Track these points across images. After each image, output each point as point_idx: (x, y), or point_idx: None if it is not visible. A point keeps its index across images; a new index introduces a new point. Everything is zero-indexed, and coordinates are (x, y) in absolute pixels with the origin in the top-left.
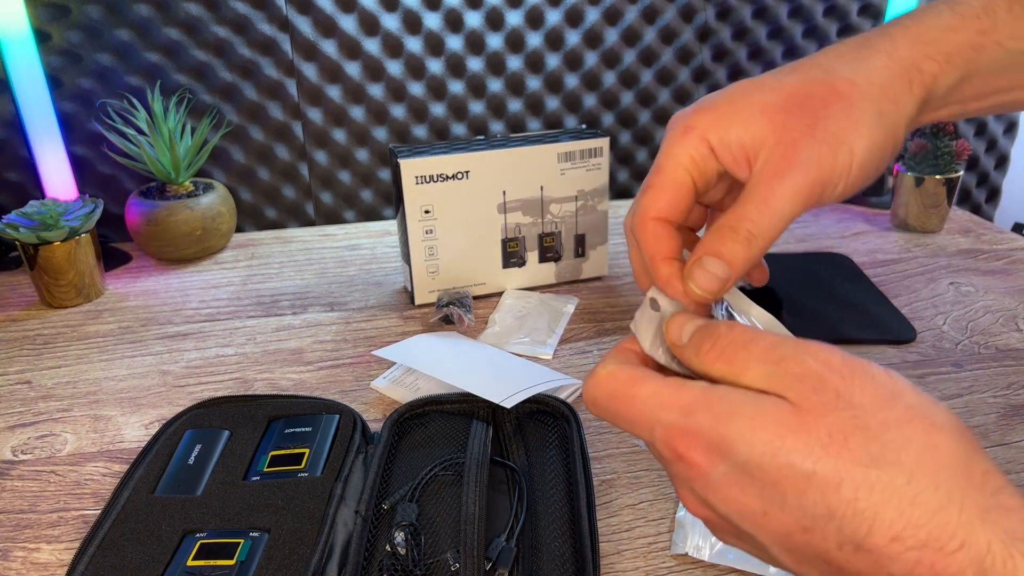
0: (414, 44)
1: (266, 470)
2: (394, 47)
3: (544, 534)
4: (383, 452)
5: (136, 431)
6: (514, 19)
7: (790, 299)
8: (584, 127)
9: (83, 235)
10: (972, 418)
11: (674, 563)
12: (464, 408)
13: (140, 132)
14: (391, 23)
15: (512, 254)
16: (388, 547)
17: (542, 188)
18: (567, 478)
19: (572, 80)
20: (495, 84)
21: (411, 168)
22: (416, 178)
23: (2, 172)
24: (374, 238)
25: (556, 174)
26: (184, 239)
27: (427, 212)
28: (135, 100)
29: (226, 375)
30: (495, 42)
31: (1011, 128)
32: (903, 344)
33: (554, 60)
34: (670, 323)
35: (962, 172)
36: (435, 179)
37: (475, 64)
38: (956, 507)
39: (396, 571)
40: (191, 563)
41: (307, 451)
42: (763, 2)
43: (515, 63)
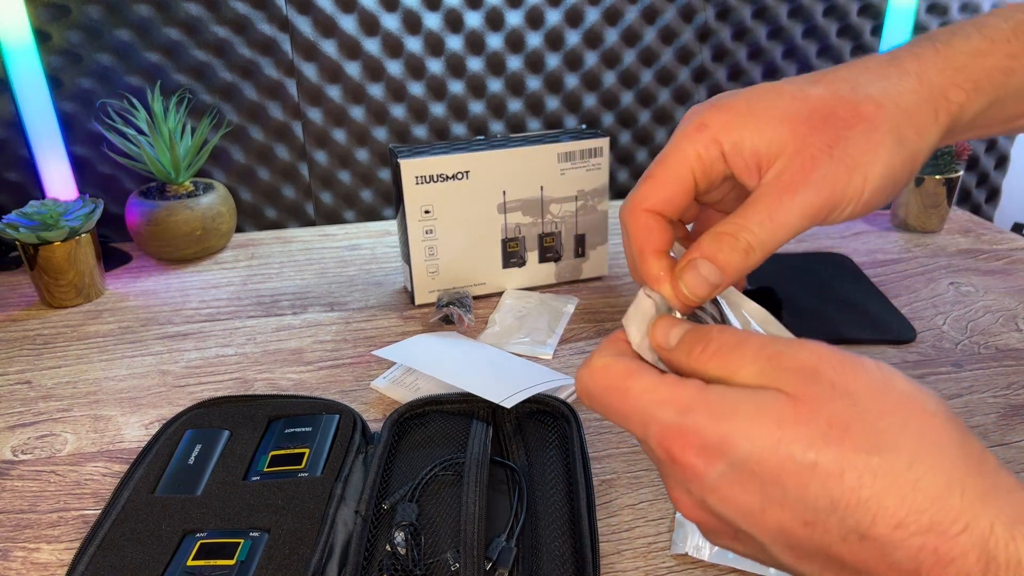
0: (414, 44)
1: (266, 470)
2: (394, 47)
3: (544, 534)
4: (383, 452)
5: (136, 431)
6: (514, 19)
7: (790, 299)
8: (584, 127)
9: (83, 235)
10: (972, 418)
11: (674, 563)
12: (464, 408)
13: (140, 132)
14: (391, 23)
15: (512, 254)
16: (388, 547)
17: (542, 188)
18: (567, 478)
19: (572, 80)
20: (495, 84)
21: (411, 168)
22: (416, 178)
23: (2, 172)
24: (374, 238)
25: (556, 174)
26: (184, 239)
27: (427, 212)
28: (135, 100)
29: (226, 375)
30: (495, 42)
31: None
32: (903, 344)
33: (554, 60)
34: (656, 325)
35: (962, 172)
36: (435, 179)
37: (475, 64)
38: (958, 490)
39: (396, 571)
40: (191, 563)
41: (307, 451)
42: (763, 2)
43: (515, 63)
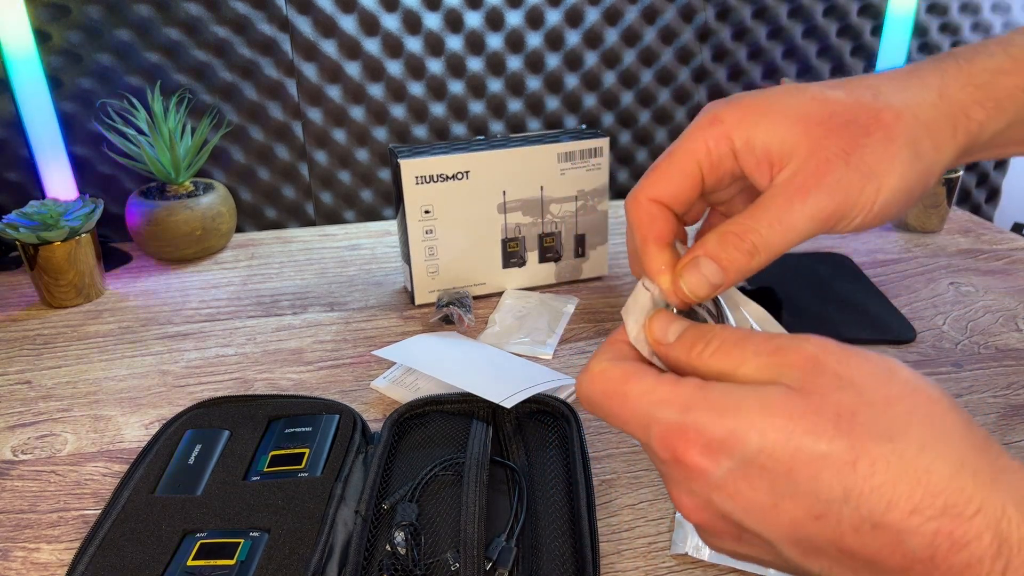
0: (414, 44)
1: (266, 470)
2: (394, 47)
3: (544, 534)
4: (383, 452)
5: (136, 431)
6: (514, 19)
7: (790, 299)
8: (584, 127)
9: (83, 235)
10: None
11: (674, 563)
12: (464, 408)
13: (140, 132)
14: (391, 23)
15: (512, 254)
16: (388, 547)
17: (542, 188)
18: (567, 478)
19: (572, 80)
20: (495, 84)
21: (411, 168)
22: (416, 178)
23: (2, 172)
24: (374, 238)
25: (556, 174)
26: (184, 239)
27: (427, 212)
28: (135, 100)
29: (226, 375)
30: (495, 42)
31: None
32: (903, 344)
33: (554, 60)
34: (654, 320)
35: (962, 172)
36: (435, 179)
37: (475, 64)
38: (969, 472)
39: (396, 571)
40: (191, 563)
41: (307, 451)
42: (763, 2)
43: (515, 63)
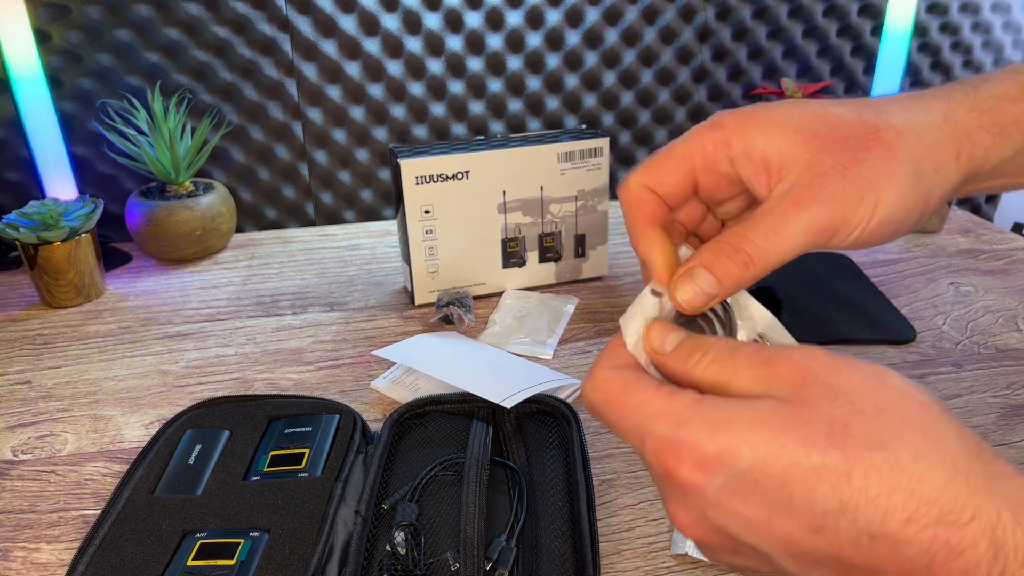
0: (414, 44)
1: (266, 470)
2: (394, 47)
3: (544, 534)
4: (383, 452)
5: (136, 431)
6: (514, 19)
7: (790, 299)
8: (584, 127)
9: (83, 235)
10: (972, 418)
11: (674, 563)
12: (464, 408)
13: (140, 132)
14: (391, 23)
15: (512, 254)
16: (388, 547)
17: (542, 188)
18: (567, 478)
19: (572, 80)
20: (495, 84)
21: (411, 168)
22: (416, 178)
23: (2, 172)
24: (374, 238)
25: (556, 174)
26: (184, 239)
27: (427, 212)
28: (135, 100)
29: (226, 375)
30: (495, 42)
31: None
32: (903, 344)
33: (554, 60)
34: (651, 328)
35: None
36: (435, 179)
37: (475, 64)
38: (963, 478)
39: (396, 571)
40: (191, 563)
41: (307, 451)
42: (763, 2)
43: (515, 63)
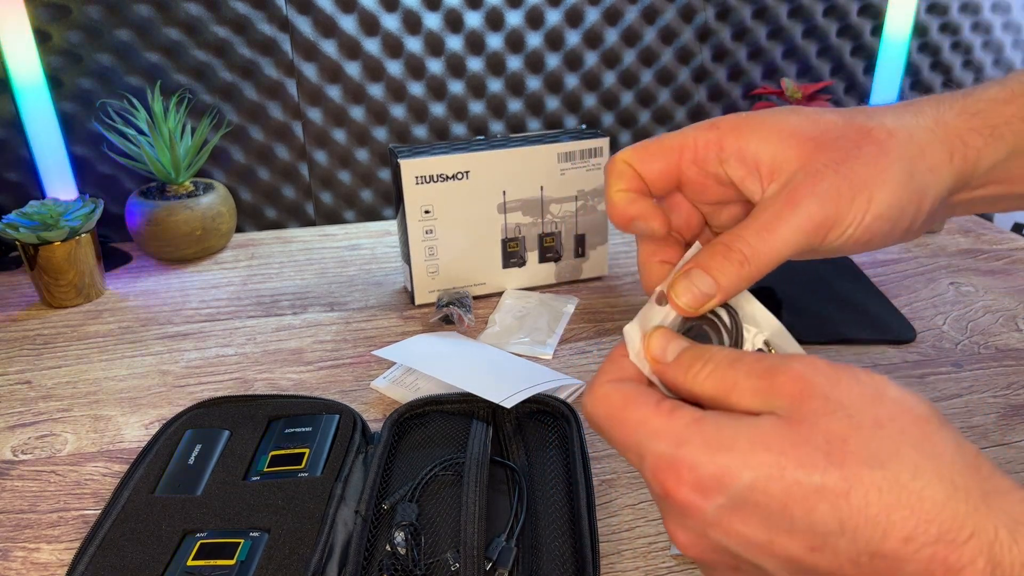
0: (414, 44)
1: (266, 470)
2: (394, 47)
3: (544, 534)
4: (383, 452)
5: (136, 431)
6: (514, 19)
7: (790, 299)
8: (584, 127)
9: (83, 235)
10: (972, 418)
11: (674, 563)
12: (464, 408)
13: (140, 132)
14: (391, 23)
15: (512, 254)
16: (388, 547)
17: (542, 188)
18: (567, 478)
19: (572, 80)
20: (495, 84)
21: (411, 168)
22: (416, 178)
23: (2, 172)
24: (374, 238)
25: (556, 174)
26: (184, 239)
27: (427, 212)
28: (135, 100)
29: (226, 375)
30: (495, 42)
31: None
32: (903, 344)
33: (554, 60)
34: (652, 337)
35: None
36: (435, 179)
37: (475, 64)
38: (962, 495)
39: (396, 571)
40: (191, 563)
41: (307, 451)
42: (763, 2)
43: (515, 63)
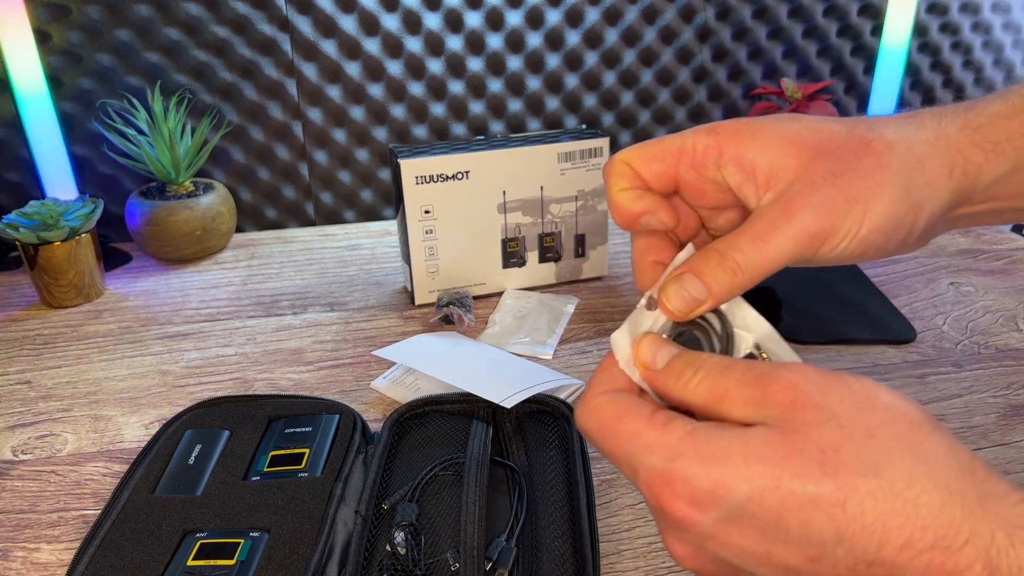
0: (414, 44)
1: (266, 470)
2: (394, 47)
3: (544, 534)
4: (383, 452)
5: (136, 431)
6: (514, 19)
7: (790, 299)
8: (584, 127)
9: (83, 235)
10: (972, 418)
11: (674, 563)
12: (464, 408)
13: (140, 132)
14: (391, 23)
15: (512, 254)
16: (388, 547)
17: (542, 188)
18: (567, 478)
19: (572, 80)
20: (495, 84)
21: (411, 168)
22: (416, 178)
23: (2, 172)
24: (374, 238)
25: (556, 174)
26: (184, 239)
27: (427, 212)
28: (135, 100)
29: (226, 375)
30: (495, 42)
31: None
32: (903, 344)
33: (554, 60)
34: (642, 343)
35: None
36: (435, 179)
37: (475, 64)
38: (958, 500)
39: (396, 571)
40: (191, 563)
41: (307, 451)
42: (763, 2)
43: (515, 63)
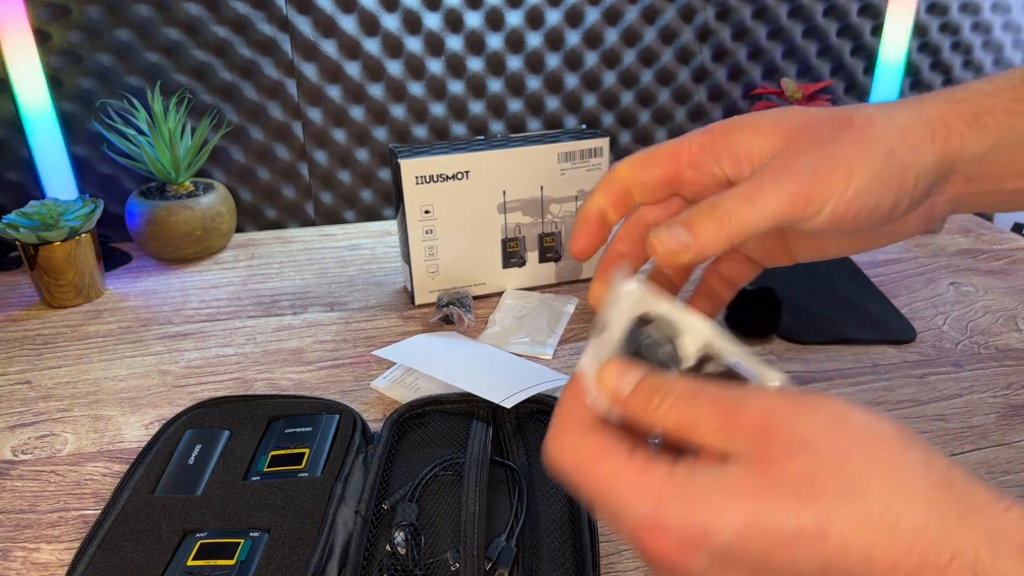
0: (414, 44)
1: (266, 470)
2: (394, 47)
3: (544, 534)
4: (383, 452)
5: (136, 431)
6: (514, 19)
7: (790, 299)
8: (584, 127)
9: (83, 235)
10: (972, 418)
11: None
12: (464, 408)
13: (140, 132)
14: (391, 23)
15: (512, 254)
16: (388, 547)
17: (542, 188)
18: None
19: (572, 80)
20: (495, 84)
21: (411, 168)
22: (416, 178)
23: (2, 172)
24: (374, 238)
25: (556, 174)
26: (184, 239)
27: (427, 212)
28: (135, 100)
29: (226, 375)
30: (495, 42)
31: None
32: (903, 344)
33: (554, 60)
34: (606, 369)
35: None
36: (435, 179)
37: (475, 64)
38: (937, 517)
39: (396, 571)
40: (191, 563)
41: (307, 451)
42: (763, 2)
43: (515, 63)
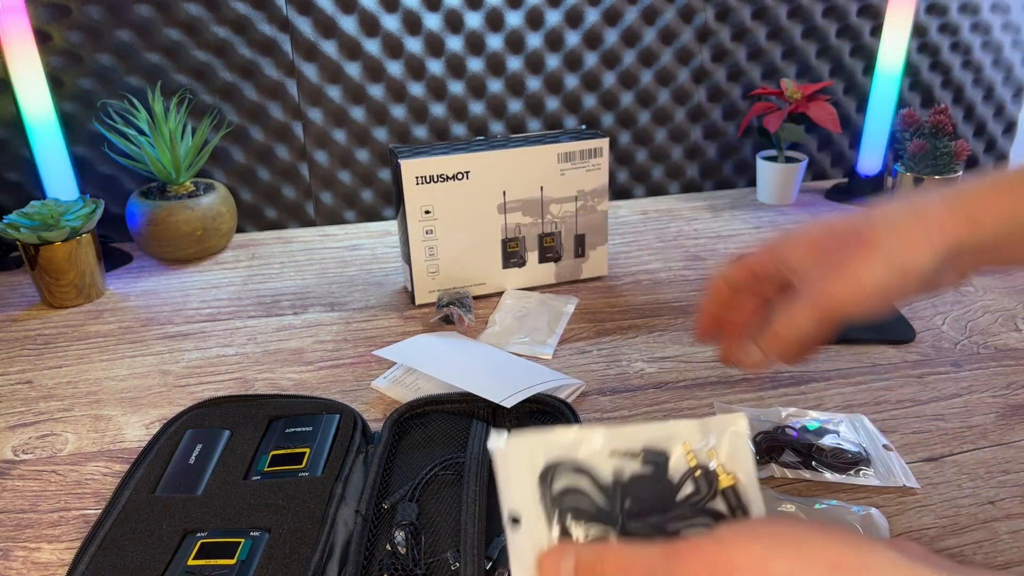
0: (414, 45)
1: (266, 470)
2: (394, 48)
3: None
4: (383, 452)
5: (137, 431)
6: (514, 20)
7: None
8: (584, 127)
9: (84, 235)
10: (971, 418)
11: None
12: (464, 408)
13: (141, 132)
14: (391, 24)
15: (512, 254)
16: (388, 546)
17: (542, 188)
18: None
19: (572, 80)
20: (495, 84)
21: (411, 168)
22: (416, 178)
23: (3, 172)
24: (374, 238)
25: (556, 174)
26: (185, 239)
27: (427, 212)
28: (136, 100)
29: (227, 375)
30: (495, 43)
31: (1010, 128)
32: (903, 344)
33: (554, 60)
34: (544, 559)
35: (961, 172)
36: (435, 179)
37: (475, 64)
38: None
39: (396, 570)
40: (192, 562)
41: (307, 451)
42: (763, 2)
43: (515, 63)
